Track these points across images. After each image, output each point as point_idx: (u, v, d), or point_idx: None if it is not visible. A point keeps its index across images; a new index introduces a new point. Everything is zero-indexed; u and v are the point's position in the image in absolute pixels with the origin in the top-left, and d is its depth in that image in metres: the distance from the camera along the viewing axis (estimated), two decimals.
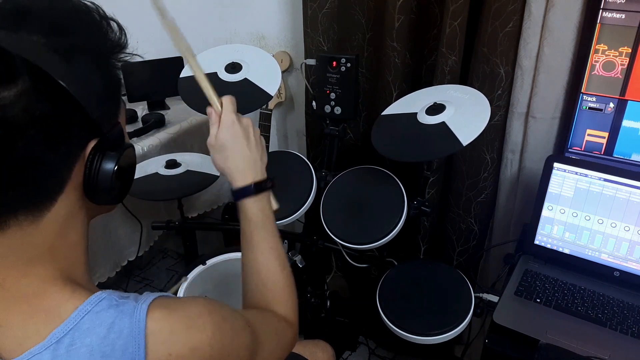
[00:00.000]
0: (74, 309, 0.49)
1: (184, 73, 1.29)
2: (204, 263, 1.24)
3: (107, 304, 0.50)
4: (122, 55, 0.57)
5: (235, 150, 0.74)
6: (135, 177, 1.55)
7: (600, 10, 1.07)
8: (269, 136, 1.69)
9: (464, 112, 1.09)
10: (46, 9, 0.51)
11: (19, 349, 0.47)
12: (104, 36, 0.55)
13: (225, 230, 2.04)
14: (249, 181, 0.73)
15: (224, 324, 0.56)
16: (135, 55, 0.59)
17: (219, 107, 0.76)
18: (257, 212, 0.73)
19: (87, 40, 0.53)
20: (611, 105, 1.13)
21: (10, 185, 0.47)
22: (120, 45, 0.56)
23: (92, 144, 0.53)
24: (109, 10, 0.57)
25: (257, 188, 0.73)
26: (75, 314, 0.49)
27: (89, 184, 0.53)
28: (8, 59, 0.45)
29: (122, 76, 0.59)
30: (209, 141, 0.75)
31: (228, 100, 0.76)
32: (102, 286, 1.54)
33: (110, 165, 0.54)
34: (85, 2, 0.55)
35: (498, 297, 1.09)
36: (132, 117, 1.73)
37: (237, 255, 1.28)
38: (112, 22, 0.56)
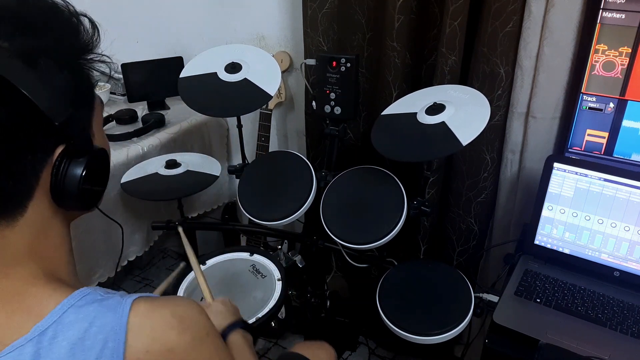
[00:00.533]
0: (57, 303, 0.49)
1: (184, 73, 1.29)
2: (203, 263, 1.25)
3: (91, 298, 0.50)
4: (93, 56, 0.55)
5: None
6: (135, 177, 1.55)
7: (600, 10, 1.07)
8: (269, 136, 1.69)
9: (464, 112, 1.09)
10: (12, 10, 0.49)
11: (1, 345, 0.47)
12: (75, 35, 0.53)
13: (225, 230, 2.05)
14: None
15: (206, 337, 0.55)
16: (104, 56, 0.56)
17: (210, 300, 0.97)
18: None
19: (55, 41, 0.51)
20: (611, 105, 1.13)
21: None
22: (90, 45, 0.54)
23: (59, 149, 0.51)
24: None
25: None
26: (59, 308, 0.49)
27: (56, 191, 0.52)
28: None
29: (94, 76, 0.56)
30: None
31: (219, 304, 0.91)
32: (102, 286, 1.53)
33: (77, 172, 0.52)
34: (57, 2, 0.53)
35: (498, 297, 1.09)
36: (132, 117, 1.73)
37: (237, 255, 1.28)
38: (83, 19, 0.54)
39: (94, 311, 0.49)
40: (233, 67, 1.26)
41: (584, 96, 1.15)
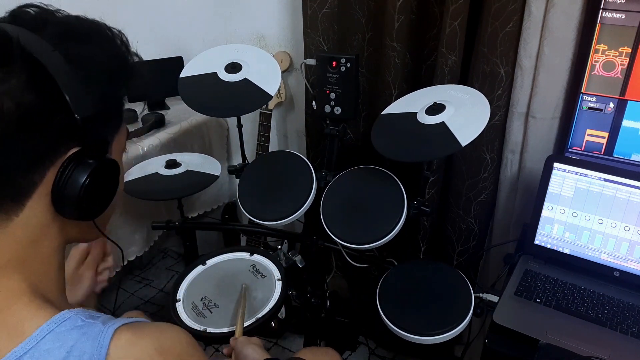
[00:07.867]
0: (38, 327, 0.47)
1: (184, 73, 1.29)
2: (204, 263, 1.24)
3: (71, 324, 0.48)
4: (127, 83, 0.59)
5: None
6: (135, 177, 1.55)
7: (600, 10, 1.07)
8: (269, 136, 1.69)
9: (464, 113, 1.09)
10: (69, 22, 0.54)
11: None
12: (119, 61, 0.57)
13: (225, 230, 2.05)
14: None
15: None
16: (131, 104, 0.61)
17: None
18: None
19: (101, 56, 0.54)
20: (611, 105, 1.13)
21: None
22: (130, 75, 0.58)
23: (73, 151, 0.51)
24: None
25: None
26: (37, 333, 0.47)
27: (56, 191, 0.51)
28: (7, 43, 0.47)
29: (124, 102, 0.60)
30: None
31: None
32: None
33: (82, 174, 0.51)
34: (111, 27, 0.57)
35: (498, 297, 1.09)
36: (132, 117, 1.73)
37: (237, 255, 1.28)
38: (132, 54, 0.59)
39: (72, 339, 0.47)
40: (233, 67, 1.26)
41: (584, 96, 1.15)
